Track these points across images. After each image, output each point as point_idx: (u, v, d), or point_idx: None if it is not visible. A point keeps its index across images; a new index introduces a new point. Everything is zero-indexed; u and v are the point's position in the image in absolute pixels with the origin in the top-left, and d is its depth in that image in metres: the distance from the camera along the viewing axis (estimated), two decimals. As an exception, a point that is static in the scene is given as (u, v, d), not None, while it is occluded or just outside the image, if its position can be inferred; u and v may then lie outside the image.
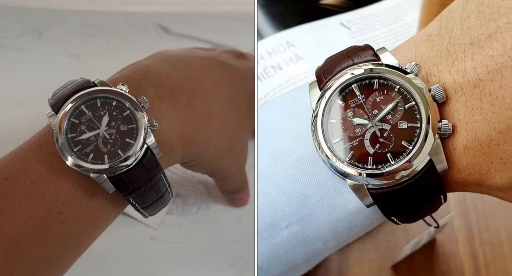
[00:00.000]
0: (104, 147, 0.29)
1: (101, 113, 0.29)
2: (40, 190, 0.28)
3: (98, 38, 0.55)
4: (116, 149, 0.29)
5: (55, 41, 0.54)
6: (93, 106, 0.30)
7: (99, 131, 0.29)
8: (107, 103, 0.30)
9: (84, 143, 0.29)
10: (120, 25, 0.56)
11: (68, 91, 0.30)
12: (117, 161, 0.29)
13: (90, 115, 0.29)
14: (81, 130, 0.29)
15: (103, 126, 0.29)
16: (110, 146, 0.29)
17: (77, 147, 0.29)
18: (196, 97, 0.33)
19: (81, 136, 0.29)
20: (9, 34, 0.54)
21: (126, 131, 0.29)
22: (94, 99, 0.30)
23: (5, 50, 0.53)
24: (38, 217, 0.28)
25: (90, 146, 0.29)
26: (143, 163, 0.29)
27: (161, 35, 0.56)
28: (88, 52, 0.54)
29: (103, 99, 0.30)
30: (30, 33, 0.55)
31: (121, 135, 0.29)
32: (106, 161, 0.29)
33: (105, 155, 0.29)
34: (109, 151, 0.29)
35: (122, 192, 0.30)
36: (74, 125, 0.29)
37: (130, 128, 0.29)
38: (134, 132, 0.29)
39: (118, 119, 0.29)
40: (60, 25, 0.56)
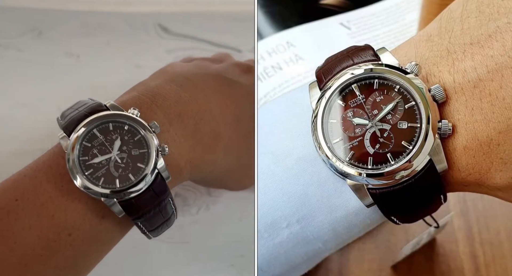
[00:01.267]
0: (115, 170, 0.29)
1: (113, 137, 0.30)
2: (50, 212, 0.28)
3: (98, 38, 0.55)
4: (128, 173, 0.29)
5: (55, 41, 0.54)
6: (105, 130, 0.30)
7: (111, 155, 0.29)
8: (119, 128, 0.30)
9: (96, 166, 0.29)
10: (120, 25, 0.56)
11: (80, 113, 0.30)
12: (128, 185, 0.29)
13: (102, 139, 0.29)
14: (93, 154, 0.29)
15: (115, 151, 0.29)
16: (121, 170, 0.29)
17: (89, 171, 0.29)
18: (204, 120, 0.34)
19: (93, 160, 0.29)
20: (9, 34, 0.54)
21: (137, 155, 0.30)
22: (107, 123, 0.30)
23: (5, 50, 0.53)
24: (47, 239, 0.28)
25: (101, 170, 0.29)
26: (153, 187, 0.30)
27: (161, 35, 0.56)
28: (88, 52, 0.54)
29: (115, 123, 0.30)
30: (30, 33, 0.55)
31: (133, 160, 0.29)
32: (117, 185, 0.29)
33: (116, 179, 0.29)
34: (120, 175, 0.29)
35: (131, 216, 0.30)
36: (86, 148, 0.29)
37: (141, 153, 0.30)
38: (145, 157, 0.30)
39: (129, 144, 0.30)
40: (60, 25, 0.56)
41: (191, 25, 0.57)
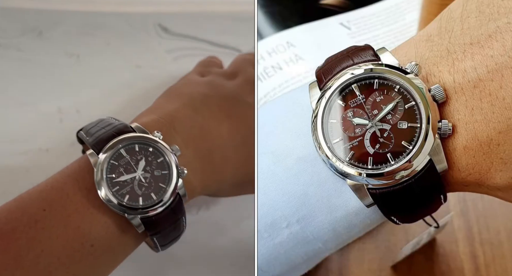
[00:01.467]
0: (139, 189, 0.31)
1: (138, 158, 0.32)
2: (76, 223, 0.30)
3: (98, 38, 0.55)
4: (150, 192, 0.31)
5: (55, 41, 0.54)
6: (132, 150, 0.32)
7: (136, 174, 0.31)
8: (144, 149, 0.32)
9: (122, 184, 0.31)
10: (120, 25, 0.56)
11: (109, 133, 0.32)
12: (150, 204, 0.31)
13: (128, 159, 0.32)
14: (119, 172, 0.31)
15: (140, 170, 0.32)
16: (144, 188, 0.31)
17: (115, 188, 0.31)
18: (215, 144, 0.36)
19: (119, 178, 0.31)
20: (9, 34, 0.54)
21: (159, 176, 0.32)
22: (133, 144, 0.32)
23: (5, 50, 0.53)
24: (71, 249, 0.30)
25: (126, 187, 0.31)
26: (172, 206, 0.32)
27: (161, 35, 0.56)
28: (88, 52, 0.54)
29: (141, 144, 0.32)
30: (30, 33, 0.55)
31: (155, 180, 0.32)
32: (140, 202, 0.31)
33: (139, 197, 0.31)
34: (143, 193, 0.31)
35: (150, 231, 0.32)
36: (113, 166, 0.31)
37: (163, 174, 0.32)
38: (166, 178, 0.32)
39: (153, 165, 0.32)
40: (60, 25, 0.56)
41: (191, 25, 0.57)
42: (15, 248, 0.29)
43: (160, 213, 0.31)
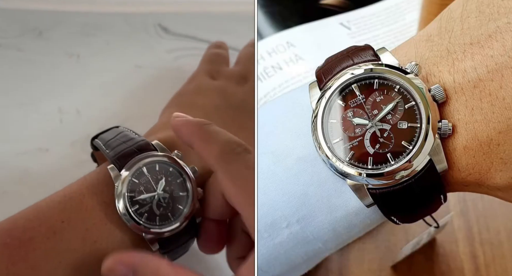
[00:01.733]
0: (157, 209, 0.31)
1: (158, 177, 0.32)
2: (93, 238, 0.30)
3: (98, 38, 0.55)
4: (167, 212, 0.31)
5: (55, 41, 0.54)
6: (152, 169, 0.32)
7: (155, 194, 0.31)
8: (165, 169, 0.32)
9: (141, 203, 0.31)
10: (120, 25, 0.56)
11: (131, 150, 0.32)
12: (167, 224, 0.31)
13: (149, 178, 0.32)
14: (139, 191, 0.31)
15: (159, 190, 0.32)
16: (162, 209, 0.31)
17: (135, 207, 0.31)
18: None
19: (139, 196, 0.31)
20: (9, 34, 0.54)
21: (178, 197, 0.32)
22: (154, 163, 0.32)
23: (5, 50, 0.53)
24: (89, 262, 0.30)
25: (145, 207, 0.31)
26: (186, 227, 0.32)
27: (161, 35, 0.56)
28: (88, 52, 0.54)
29: (162, 164, 0.32)
30: (30, 33, 0.55)
31: (174, 201, 0.32)
32: (157, 222, 0.31)
33: (157, 216, 0.31)
34: (161, 213, 0.31)
35: (163, 250, 0.32)
36: (134, 184, 0.31)
37: (181, 195, 0.32)
38: (184, 199, 0.32)
39: (172, 185, 0.32)
40: (60, 25, 0.56)
41: (191, 25, 0.57)
42: (33, 257, 0.29)
43: (174, 233, 0.31)
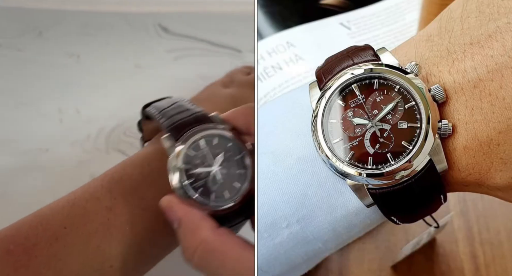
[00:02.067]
0: (212, 185, 0.30)
1: (216, 152, 0.30)
2: (96, 243, 0.30)
3: (98, 38, 0.55)
4: (223, 190, 0.30)
5: (55, 41, 0.54)
6: (211, 143, 0.31)
7: (211, 169, 0.30)
8: (223, 143, 0.31)
9: (197, 177, 0.30)
10: (120, 25, 0.56)
11: (188, 120, 0.31)
12: (221, 202, 0.30)
13: (206, 151, 0.30)
14: (195, 164, 0.30)
15: (216, 165, 0.30)
16: (218, 185, 0.30)
17: (190, 179, 0.30)
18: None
19: (195, 170, 0.30)
20: (9, 34, 0.55)
21: (235, 175, 0.31)
22: (212, 136, 0.31)
23: (5, 50, 0.53)
24: (91, 268, 0.30)
25: (200, 181, 0.30)
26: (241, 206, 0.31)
27: (161, 35, 0.56)
28: (88, 52, 0.54)
29: (221, 138, 0.31)
30: (30, 33, 0.55)
31: (231, 178, 0.31)
32: (212, 198, 0.30)
33: (212, 193, 0.30)
34: (216, 189, 0.30)
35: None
36: (189, 157, 0.30)
37: (239, 173, 0.31)
38: (242, 177, 0.31)
39: (230, 161, 0.31)
40: (60, 25, 0.56)
41: (191, 25, 0.57)
42: (35, 264, 0.28)
43: (229, 212, 0.30)
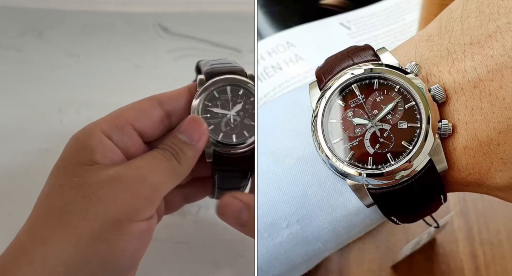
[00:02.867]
0: (224, 126, 0.33)
1: (238, 101, 0.34)
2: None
3: (98, 38, 0.55)
4: (232, 133, 0.33)
5: (55, 41, 0.54)
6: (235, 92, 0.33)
7: (228, 113, 0.33)
8: (246, 95, 0.34)
9: (212, 114, 0.33)
10: (120, 25, 0.56)
11: (223, 69, 0.34)
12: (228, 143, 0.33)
13: (229, 97, 0.34)
14: (215, 104, 0.33)
15: (233, 111, 0.33)
16: (229, 128, 0.33)
17: (206, 114, 0.33)
18: None
19: (213, 108, 0.33)
20: (9, 34, 0.54)
21: (247, 125, 0.33)
22: (239, 86, 0.34)
23: (5, 50, 0.53)
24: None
25: (214, 119, 0.33)
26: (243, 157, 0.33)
27: (161, 35, 0.56)
28: (88, 52, 0.54)
29: (245, 90, 0.34)
30: (30, 33, 0.55)
31: (242, 126, 0.33)
32: (220, 137, 0.33)
33: (221, 132, 0.33)
34: (226, 131, 0.33)
35: (217, 166, 0.33)
36: (213, 97, 0.33)
37: (251, 124, 0.33)
38: (252, 129, 0.33)
39: (246, 112, 0.33)
40: (60, 25, 0.56)
41: (191, 25, 0.57)
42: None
43: (231, 157, 0.33)
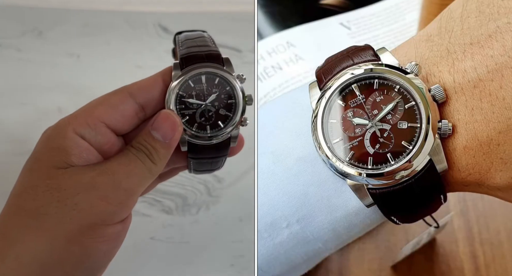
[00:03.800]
0: (199, 117, 0.32)
1: (213, 90, 0.33)
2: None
3: (98, 38, 0.55)
4: (207, 124, 0.33)
5: (55, 41, 0.54)
6: (211, 81, 0.33)
7: (203, 103, 0.33)
8: (222, 85, 0.33)
9: (187, 105, 0.32)
10: (120, 25, 0.56)
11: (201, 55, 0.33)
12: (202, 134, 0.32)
13: (204, 87, 0.33)
14: (190, 94, 0.32)
15: (207, 101, 0.33)
16: (204, 119, 0.33)
17: (181, 105, 0.32)
18: None
19: (188, 99, 0.32)
20: (9, 34, 0.55)
21: (222, 115, 0.33)
22: (214, 75, 0.33)
23: (5, 50, 0.53)
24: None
25: (189, 110, 0.32)
26: (218, 144, 0.33)
27: (161, 35, 0.56)
28: (88, 52, 0.54)
29: (221, 79, 0.33)
30: (30, 33, 0.55)
31: (217, 117, 0.33)
32: (194, 129, 0.32)
33: (196, 123, 0.32)
34: (200, 123, 0.32)
35: (190, 155, 0.33)
36: (188, 87, 0.32)
37: (226, 115, 0.33)
38: (228, 119, 0.33)
39: (222, 103, 0.33)
40: (60, 25, 0.56)
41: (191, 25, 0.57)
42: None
43: (206, 146, 0.33)
